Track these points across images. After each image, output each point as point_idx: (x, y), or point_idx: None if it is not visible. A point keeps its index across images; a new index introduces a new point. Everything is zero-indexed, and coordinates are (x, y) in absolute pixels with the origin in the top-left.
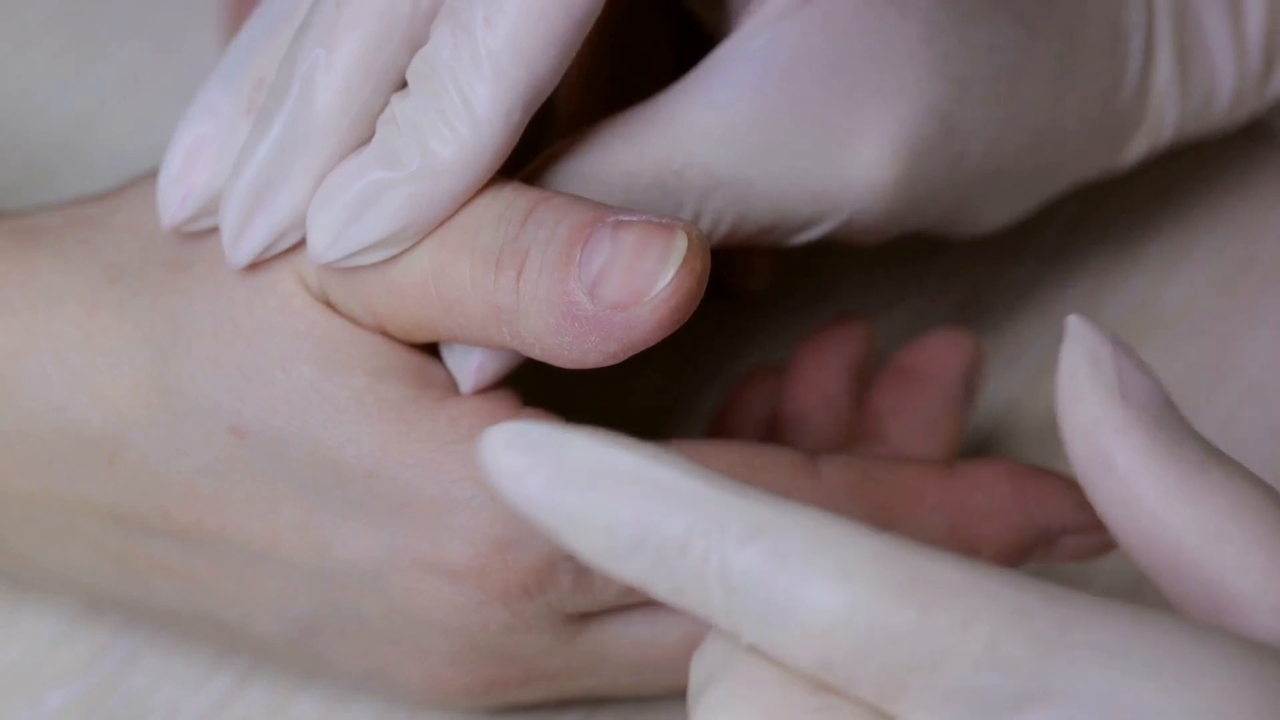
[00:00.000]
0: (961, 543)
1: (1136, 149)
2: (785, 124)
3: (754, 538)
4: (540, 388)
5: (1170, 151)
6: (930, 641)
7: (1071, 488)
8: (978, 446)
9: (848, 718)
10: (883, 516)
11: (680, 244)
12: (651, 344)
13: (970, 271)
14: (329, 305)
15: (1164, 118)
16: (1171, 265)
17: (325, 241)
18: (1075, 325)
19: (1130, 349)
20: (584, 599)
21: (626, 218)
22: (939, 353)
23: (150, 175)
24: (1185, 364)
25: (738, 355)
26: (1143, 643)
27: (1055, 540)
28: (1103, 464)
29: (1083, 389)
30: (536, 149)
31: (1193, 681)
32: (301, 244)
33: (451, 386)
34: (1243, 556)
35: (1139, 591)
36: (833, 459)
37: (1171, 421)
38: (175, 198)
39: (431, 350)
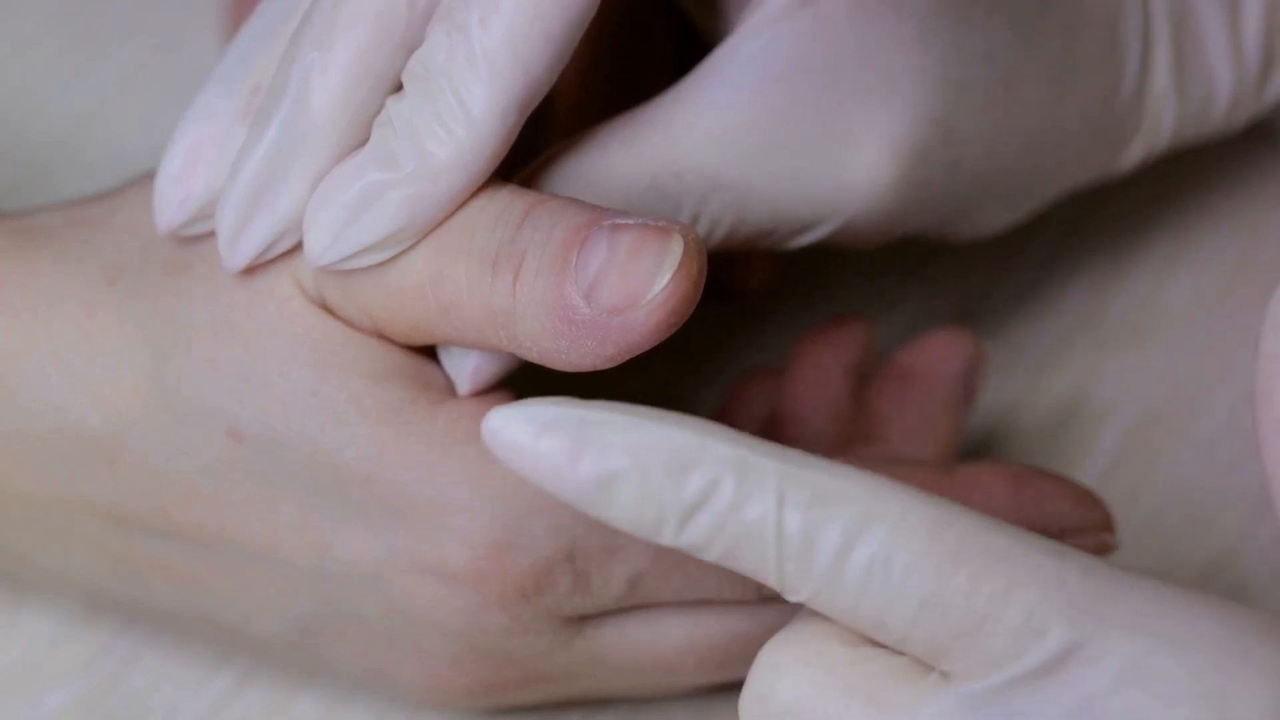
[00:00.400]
0: None
1: (1134, 153)
2: (783, 127)
3: (812, 503)
4: (537, 390)
5: (1169, 154)
6: (976, 608)
7: (1071, 488)
8: (977, 447)
9: (889, 668)
10: None
11: (676, 247)
12: (649, 347)
13: (970, 272)
14: (326, 308)
15: (1162, 122)
16: (1171, 265)
17: (322, 243)
18: None
19: None
20: (582, 601)
21: (623, 221)
22: (939, 353)
23: (149, 176)
24: (1185, 364)
25: (738, 356)
26: (1170, 617)
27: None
28: (1265, 400)
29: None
30: (535, 151)
31: (1213, 659)
32: (299, 247)
33: (449, 389)
34: None
35: None
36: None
37: None
38: (173, 200)
39: (429, 352)
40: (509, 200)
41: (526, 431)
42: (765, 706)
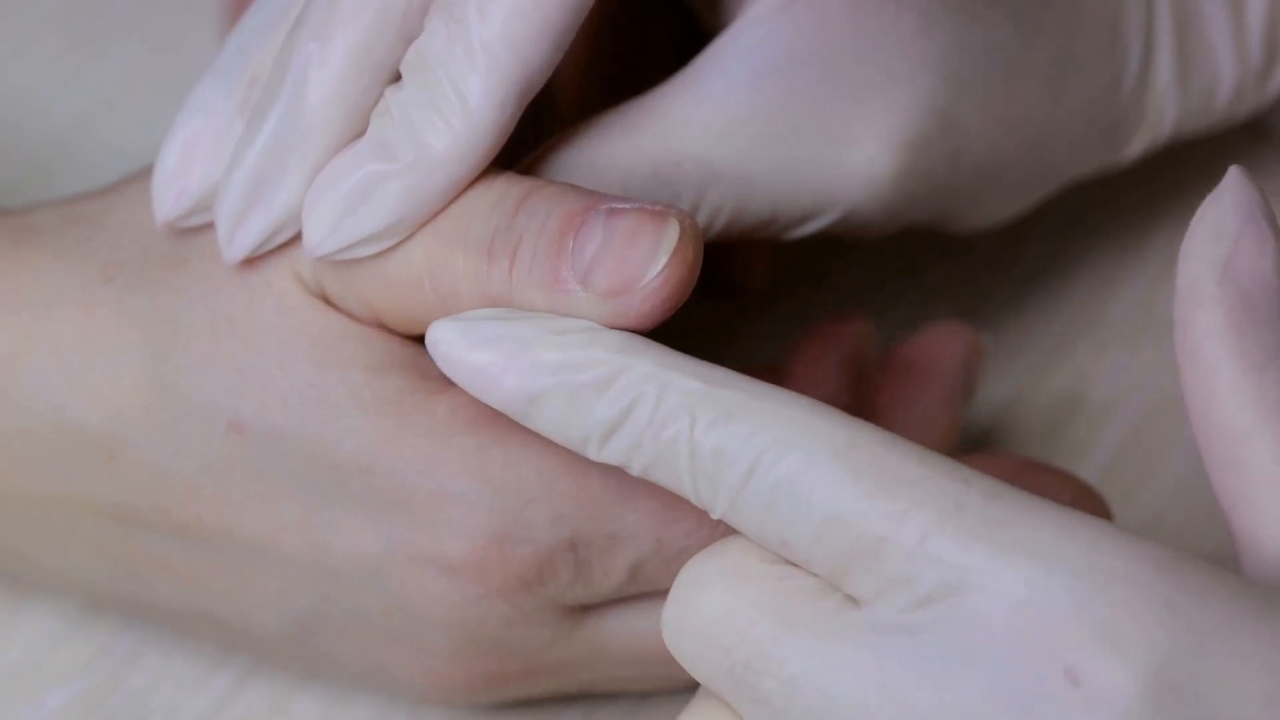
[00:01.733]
0: None
1: (1137, 145)
2: (783, 117)
3: (723, 421)
4: None
5: (1171, 150)
6: (874, 529)
7: (1070, 482)
8: (978, 443)
9: (800, 587)
10: None
11: (672, 231)
12: (645, 332)
13: (970, 269)
14: (325, 301)
15: (1164, 114)
16: (1171, 265)
17: (321, 234)
18: (1230, 178)
19: (1266, 220)
20: (583, 591)
21: (619, 205)
22: (938, 346)
23: (147, 172)
24: None
25: (738, 354)
26: (1068, 547)
27: None
28: (1180, 330)
29: (1193, 248)
30: (534, 141)
31: (1105, 590)
32: (298, 240)
33: (448, 379)
34: (1260, 464)
35: None
36: None
37: (1265, 308)
38: (170, 194)
39: None
40: (505, 188)
41: (462, 344)
42: (683, 616)
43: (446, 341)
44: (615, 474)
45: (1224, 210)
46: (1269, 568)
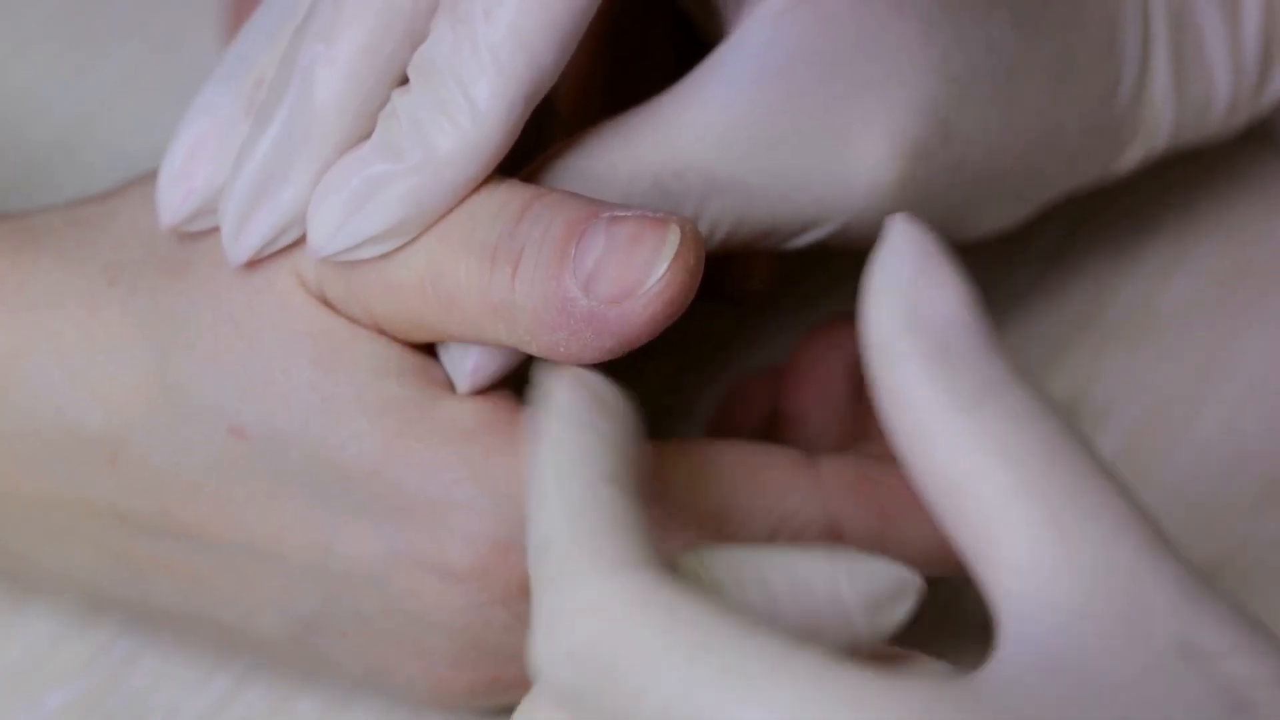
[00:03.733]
0: None
1: (1133, 154)
2: (784, 125)
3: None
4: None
5: (1168, 156)
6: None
7: None
8: None
9: None
10: (881, 516)
11: (673, 238)
12: (647, 339)
13: (970, 273)
14: (328, 305)
15: (1160, 124)
16: (1171, 265)
17: (326, 234)
18: (892, 228)
19: (940, 257)
20: None
21: (621, 213)
22: None
23: (150, 175)
24: (1185, 364)
25: (738, 355)
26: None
27: None
28: (882, 391)
29: (874, 311)
30: (536, 150)
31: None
32: (301, 243)
33: (451, 384)
34: (993, 506)
35: None
36: (833, 459)
37: (962, 347)
38: (175, 197)
39: (431, 348)
40: (508, 195)
41: None
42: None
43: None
44: None
45: (894, 262)
46: (1022, 606)
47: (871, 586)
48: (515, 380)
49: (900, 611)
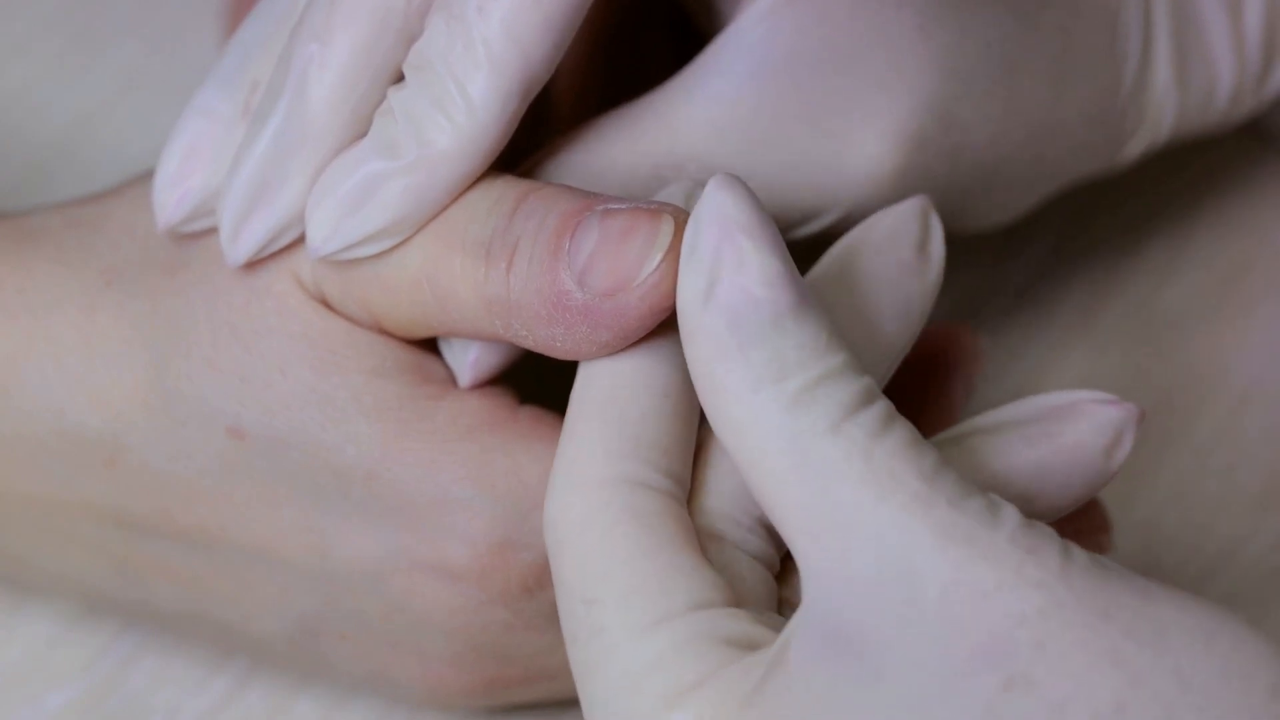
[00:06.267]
0: None
1: (1135, 146)
2: (783, 117)
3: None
4: (539, 383)
5: (1170, 152)
6: None
7: None
8: None
9: None
10: None
11: (667, 229)
12: (645, 331)
13: (970, 271)
14: (326, 305)
15: (1163, 115)
16: (1171, 265)
17: (323, 234)
18: (708, 194)
19: (748, 223)
20: None
21: (614, 205)
22: (935, 346)
23: (146, 176)
24: (1185, 364)
25: None
26: None
27: None
28: (689, 361)
29: (681, 275)
30: (532, 145)
31: None
32: (298, 244)
33: (450, 382)
34: (773, 486)
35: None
36: None
37: (752, 328)
38: (172, 199)
39: (430, 345)
40: (503, 190)
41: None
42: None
43: None
44: None
45: (698, 231)
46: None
47: None
48: (515, 378)
49: None
